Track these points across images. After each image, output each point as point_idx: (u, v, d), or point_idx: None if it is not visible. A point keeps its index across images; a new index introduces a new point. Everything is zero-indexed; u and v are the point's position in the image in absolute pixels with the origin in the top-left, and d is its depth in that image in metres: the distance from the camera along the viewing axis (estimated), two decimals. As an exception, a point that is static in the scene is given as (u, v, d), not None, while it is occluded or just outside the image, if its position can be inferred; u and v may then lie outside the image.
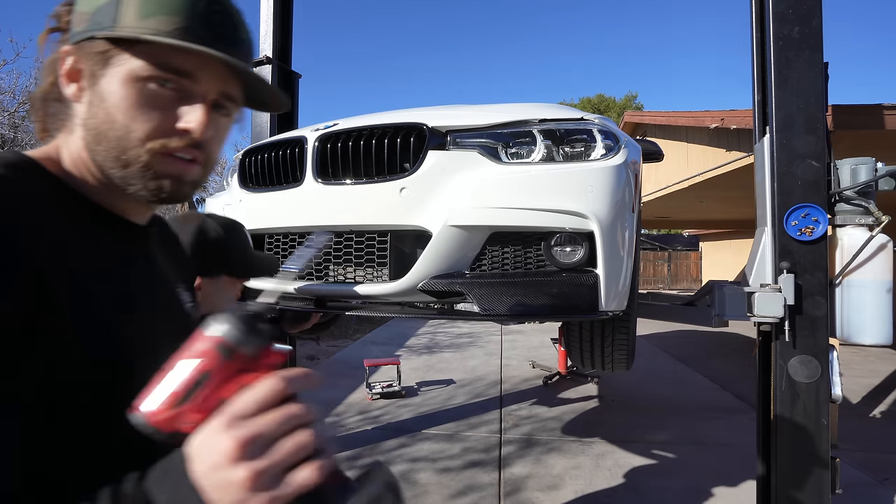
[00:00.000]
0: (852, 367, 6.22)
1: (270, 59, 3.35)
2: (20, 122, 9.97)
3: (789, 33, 1.89)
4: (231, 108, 0.61)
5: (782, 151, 1.89)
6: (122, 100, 0.54)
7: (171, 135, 0.55)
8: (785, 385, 1.87)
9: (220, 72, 0.57)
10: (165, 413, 0.39)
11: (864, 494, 2.97)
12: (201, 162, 0.59)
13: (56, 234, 0.50)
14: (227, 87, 0.59)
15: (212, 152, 0.60)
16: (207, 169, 0.61)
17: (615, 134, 1.89)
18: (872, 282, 1.92)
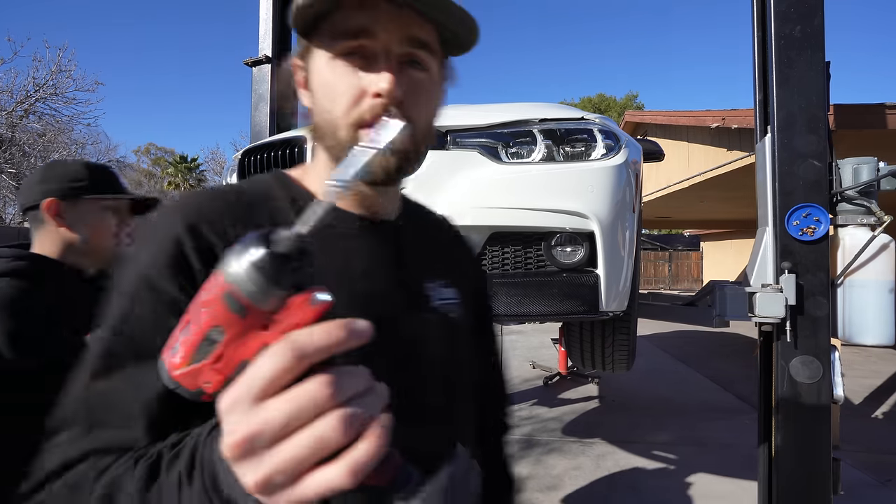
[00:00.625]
0: (854, 367, 6.22)
1: (270, 59, 3.35)
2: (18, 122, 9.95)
3: (791, 32, 1.88)
4: (428, 60, 0.54)
5: (784, 151, 1.88)
6: (320, 85, 0.53)
7: (362, 105, 0.51)
8: (786, 386, 1.86)
9: (397, 18, 0.51)
10: (184, 368, 0.31)
11: (866, 496, 2.96)
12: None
13: (282, 217, 0.54)
14: (412, 33, 0.52)
15: (415, 116, 0.53)
16: (418, 135, 0.54)
17: (616, 133, 1.88)
18: (875, 282, 1.92)
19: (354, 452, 0.30)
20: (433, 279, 0.63)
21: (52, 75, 9.98)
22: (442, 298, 0.63)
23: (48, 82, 10.01)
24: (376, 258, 0.60)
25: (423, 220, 0.70)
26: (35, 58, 9.81)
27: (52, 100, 10.38)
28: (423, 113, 0.55)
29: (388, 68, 0.51)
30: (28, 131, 10.43)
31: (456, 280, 0.66)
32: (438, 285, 0.64)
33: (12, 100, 9.71)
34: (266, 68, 3.35)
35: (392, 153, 0.44)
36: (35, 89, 9.92)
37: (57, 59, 9.97)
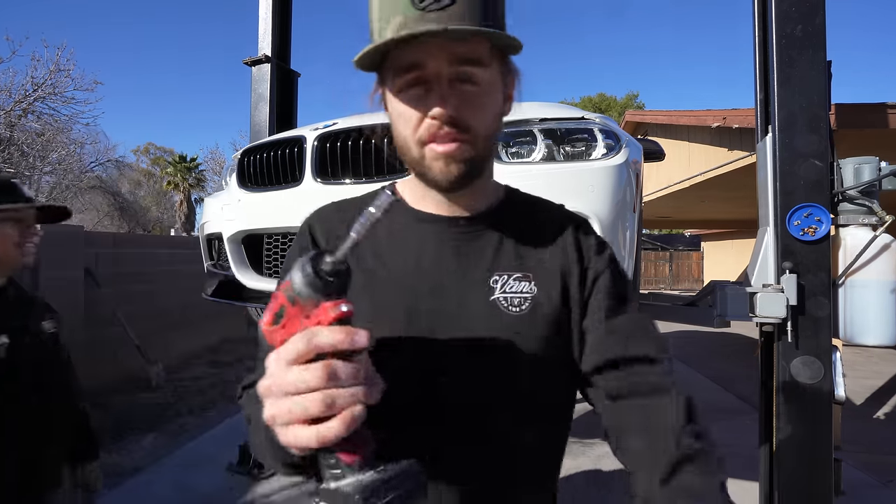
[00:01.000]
0: (856, 367, 6.21)
1: (269, 58, 3.34)
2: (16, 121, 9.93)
3: (792, 31, 1.88)
4: (478, 73, 0.60)
5: (785, 151, 1.88)
6: (393, 114, 0.63)
7: (424, 125, 0.60)
8: (787, 386, 1.86)
9: (436, 47, 0.57)
10: (269, 327, 0.45)
11: (867, 496, 2.95)
12: (463, 138, 0.60)
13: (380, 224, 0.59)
14: (457, 54, 0.58)
15: (473, 125, 0.60)
16: (478, 141, 0.62)
17: (616, 133, 1.87)
18: (876, 282, 1.91)
19: (323, 425, 0.42)
20: (505, 272, 0.66)
21: (50, 74, 9.95)
22: (508, 292, 0.65)
23: (47, 81, 9.98)
24: (432, 251, 0.67)
25: (517, 215, 0.71)
26: (34, 57, 9.80)
27: (50, 99, 10.36)
28: (479, 120, 0.61)
29: (438, 92, 0.58)
30: (26, 131, 10.39)
31: (544, 273, 0.67)
32: (512, 278, 0.66)
33: (11, 99, 9.69)
34: (265, 68, 3.34)
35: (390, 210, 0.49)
36: (34, 88, 9.88)
37: (55, 59, 9.95)
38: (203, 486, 3.17)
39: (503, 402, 0.64)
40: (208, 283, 2.59)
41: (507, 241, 0.69)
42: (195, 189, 24.67)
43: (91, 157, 15.70)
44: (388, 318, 0.64)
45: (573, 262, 0.68)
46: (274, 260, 2.21)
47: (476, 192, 0.69)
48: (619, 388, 0.64)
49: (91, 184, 15.57)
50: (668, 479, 0.57)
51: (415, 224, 0.69)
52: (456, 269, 0.66)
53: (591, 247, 0.70)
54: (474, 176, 0.64)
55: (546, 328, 0.65)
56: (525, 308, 0.65)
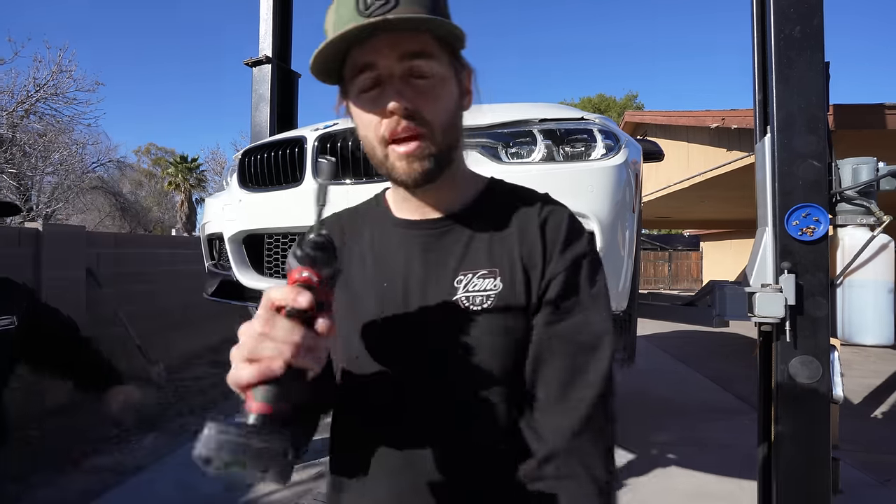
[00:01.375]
0: (853, 367, 6.22)
1: (270, 59, 3.35)
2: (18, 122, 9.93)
3: (790, 32, 1.88)
4: (428, 66, 0.62)
5: (783, 151, 1.89)
6: (356, 118, 0.66)
7: (384, 124, 0.62)
8: (786, 386, 1.86)
9: (381, 44, 0.60)
10: (288, 280, 0.52)
11: (865, 495, 2.96)
12: (422, 133, 0.62)
13: (366, 231, 0.74)
14: (403, 50, 0.60)
15: (430, 118, 0.62)
16: (437, 133, 0.63)
17: (615, 134, 1.88)
18: (874, 282, 1.92)
19: (243, 368, 0.48)
20: (470, 270, 0.66)
21: (52, 75, 9.95)
22: (472, 290, 0.65)
23: (49, 82, 9.98)
24: (402, 256, 0.69)
25: (494, 208, 0.70)
26: (36, 58, 9.79)
27: (52, 100, 10.36)
28: (435, 112, 0.62)
29: (392, 89, 0.60)
30: (29, 131, 10.39)
31: (511, 266, 0.66)
32: (476, 276, 0.66)
33: (13, 100, 9.68)
34: (266, 68, 3.35)
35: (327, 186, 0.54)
36: (36, 89, 9.88)
37: (58, 60, 9.95)
38: (204, 486, 3.17)
39: (466, 400, 0.64)
40: (209, 283, 2.60)
41: (479, 237, 0.68)
42: (196, 189, 24.69)
43: (93, 157, 15.71)
44: (361, 323, 0.68)
45: (538, 253, 0.66)
46: (275, 260, 2.22)
47: (446, 189, 0.69)
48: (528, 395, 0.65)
49: (93, 184, 15.57)
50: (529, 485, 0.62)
51: (392, 230, 0.72)
52: (421, 272, 0.68)
53: (558, 240, 0.66)
54: (439, 171, 0.65)
55: (511, 323, 0.64)
56: (488, 304, 0.64)
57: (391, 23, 0.57)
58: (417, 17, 0.57)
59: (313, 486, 3.16)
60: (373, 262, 0.71)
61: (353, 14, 0.58)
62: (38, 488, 3.17)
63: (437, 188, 0.68)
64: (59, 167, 11.64)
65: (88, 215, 16.77)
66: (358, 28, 0.56)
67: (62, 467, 3.48)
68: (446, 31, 0.62)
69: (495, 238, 0.68)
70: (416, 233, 0.70)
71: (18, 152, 9.83)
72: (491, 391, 0.64)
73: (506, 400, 0.65)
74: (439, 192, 0.69)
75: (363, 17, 0.57)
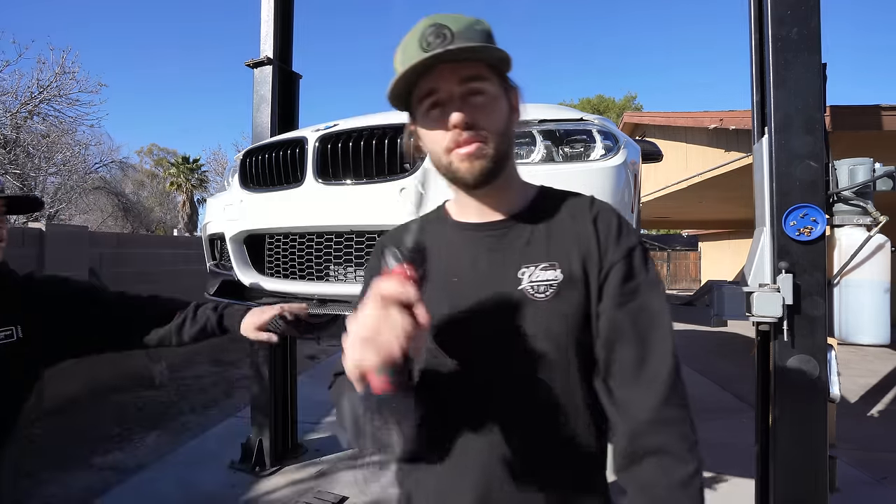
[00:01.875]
0: (850, 366, 6.24)
1: (271, 60, 3.36)
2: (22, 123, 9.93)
3: (788, 34, 1.90)
4: (481, 86, 0.74)
5: (781, 152, 1.90)
6: (424, 136, 0.78)
7: (449, 136, 0.74)
8: (783, 385, 1.88)
9: (442, 73, 0.72)
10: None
11: (861, 493, 2.98)
12: (480, 139, 0.73)
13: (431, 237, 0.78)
14: (461, 75, 0.72)
15: (486, 127, 0.74)
16: (493, 138, 0.74)
17: (614, 134, 1.89)
18: (870, 282, 1.92)
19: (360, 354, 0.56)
20: (532, 264, 0.76)
21: (55, 77, 9.97)
22: (535, 281, 0.75)
23: (52, 84, 9.98)
24: (468, 254, 0.80)
25: (547, 210, 0.81)
26: (39, 59, 9.77)
27: (55, 101, 10.35)
28: (491, 122, 0.74)
29: (454, 107, 0.72)
30: (32, 132, 10.38)
31: (568, 260, 0.76)
32: (538, 269, 0.76)
33: (17, 101, 9.69)
34: (267, 70, 3.36)
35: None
36: (39, 91, 9.88)
37: (61, 61, 9.95)
38: (206, 484, 3.19)
39: (536, 376, 0.74)
40: (211, 282, 2.61)
41: (538, 235, 0.79)
42: (198, 190, 24.71)
43: (95, 158, 15.70)
44: (439, 314, 0.76)
45: (593, 246, 0.76)
46: (276, 260, 2.23)
47: (502, 193, 0.81)
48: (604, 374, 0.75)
49: (95, 185, 15.56)
50: (625, 469, 0.72)
51: (456, 232, 0.83)
52: (488, 267, 0.78)
53: (611, 234, 0.77)
54: (496, 172, 0.76)
55: (571, 309, 0.74)
56: (550, 293, 0.74)
57: (451, 52, 0.68)
58: (470, 46, 0.69)
59: (314, 484, 3.18)
60: (441, 261, 0.79)
61: (418, 51, 0.70)
62: (43, 486, 3.18)
63: (495, 192, 0.80)
64: (62, 168, 11.64)
65: (91, 215, 16.79)
66: (423, 60, 0.69)
67: (65, 465, 3.49)
68: (495, 58, 0.74)
69: (552, 235, 0.78)
70: (479, 234, 0.81)
71: (22, 153, 9.84)
72: (553, 371, 0.74)
73: (568, 378, 0.74)
74: (497, 196, 0.80)
75: (424, 51, 0.69)
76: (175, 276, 6.64)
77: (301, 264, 2.11)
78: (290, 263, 2.16)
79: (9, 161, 9.40)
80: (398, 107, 0.79)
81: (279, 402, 3.56)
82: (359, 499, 3.00)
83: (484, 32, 0.74)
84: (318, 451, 3.68)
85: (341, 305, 2.09)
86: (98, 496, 3.05)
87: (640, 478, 0.70)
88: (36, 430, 4.11)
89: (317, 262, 2.06)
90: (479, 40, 0.72)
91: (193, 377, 5.84)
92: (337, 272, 2.05)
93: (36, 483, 3.21)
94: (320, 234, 2.05)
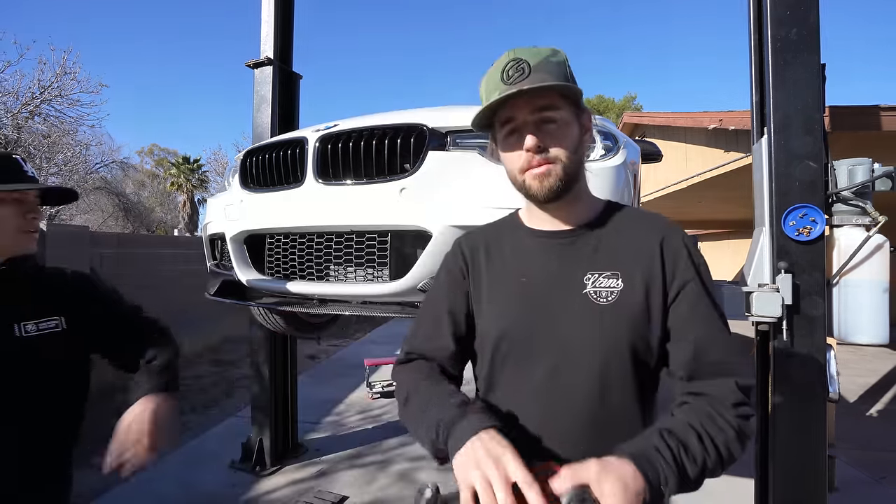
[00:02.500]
0: (849, 366, 6.24)
1: (271, 61, 3.36)
2: (23, 124, 9.93)
3: (787, 35, 1.90)
4: (553, 115, 0.83)
5: (780, 152, 1.90)
6: (502, 156, 0.88)
7: (523, 158, 0.84)
8: (783, 384, 1.88)
9: (518, 104, 0.82)
10: None
11: (860, 492, 2.98)
12: (550, 161, 0.83)
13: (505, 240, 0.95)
14: (536, 105, 0.82)
15: (557, 151, 0.83)
16: (562, 162, 0.83)
17: (614, 134, 1.90)
18: (869, 281, 1.92)
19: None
20: (596, 271, 0.85)
21: (57, 77, 9.96)
22: (598, 287, 0.84)
23: (53, 84, 9.98)
24: (539, 258, 0.89)
25: (614, 224, 0.90)
26: (40, 60, 9.77)
27: (56, 101, 10.34)
28: (560, 147, 0.83)
29: (528, 133, 0.82)
30: (33, 133, 10.37)
31: (631, 272, 0.84)
32: (602, 276, 0.84)
33: (18, 102, 9.69)
34: (268, 70, 3.36)
35: None
36: (40, 91, 9.88)
37: (62, 62, 9.95)
38: (206, 483, 3.19)
39: (596, 373, 0.82)
40: (211, 282, 2.61)
41: (604, 246, 0.87)
42: (198, 190, 24.72)
43: (96, 158, 15.73)
44: (509, 309, 0.87)
45: (657, 265, 0.84)
46: (276, 260, 2.23)
47: (572, 206, 0.89)
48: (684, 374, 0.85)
49: (96, 185, 15.58)
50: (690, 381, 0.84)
51: (529, 238, 0.93)
52: (557, 271, 0.87)
53: (679, 256, 0.85)
54: (564, 190, 0.84)
55: (629, 315, 0.82)
56: (611, 299, 0.83)
57: (525, 92, 0.79)
58: (539, 86, 0.79)
59: (314, 483, 3.18)
60: (513, 261, 0.91)
61: (499, 84, 0.81)
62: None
63: (566, 205, 0.88)
64: (63, 168, 11.64)
65: (92, 215, 16.82)
66: (501, 99, 0.80)
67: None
68: (567, 92, 0.83)
69: (618, 247, 0.87)
70: (551, 241, 0.90)
71: (24, 153, 9.84)
72: (608, 367, 0.82)
73: (623, 375, 0.83)
74: (568, 209, 0.89)
75: (506, 85, 0.80)
76: (175, 276, 6.65)
77: (301, 264, 2.12)
78: (290, 263, 2.16)
79: (10, 161, 9.41)
80: (482, 130, 0.90)
81: (279, 402, 3.57)
82: (359, 498, 3.00)
83: (559, 64, 0.83)
84: (318, 450, 3.69)
85: (341, 305, 2.09)
86: (99, 495, 3.05)
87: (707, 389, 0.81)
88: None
89: (317, 262, 2.07)
90: (555, 71, 0.81)
91: (194, 377, 5.85)
92: (337, 272, 2.06)
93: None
94: (320, 234, 2.05)
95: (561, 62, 0.84)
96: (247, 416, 4.25)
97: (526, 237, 0.93)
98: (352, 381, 5.54)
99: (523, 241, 0.93)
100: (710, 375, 0.82)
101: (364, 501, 2.97)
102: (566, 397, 0.83)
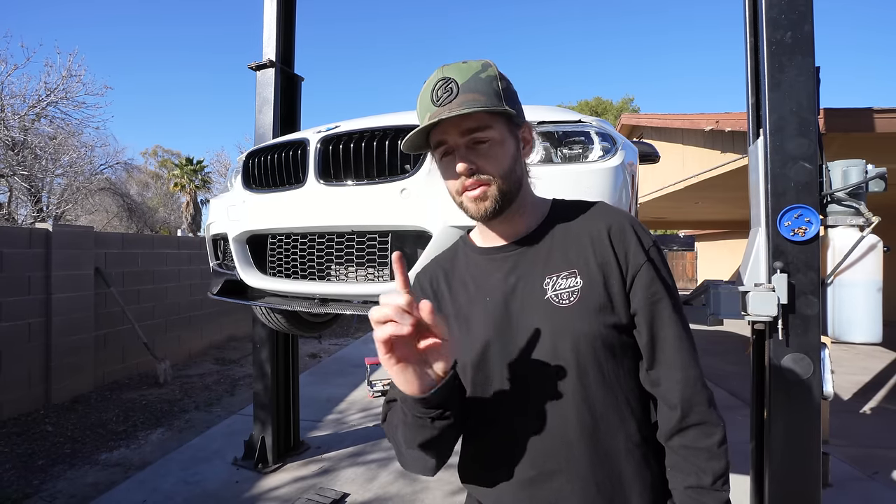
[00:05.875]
0: (843, 364, 6.28)
1: (273, 63, 3.38)
2: (30, 126, 9.95)
3: (782, 38, 1.92)
4: (483, 136, 0.82)
5: (776, 153, 1.92)
6: (442, 177, 0.88)
7: (458, 181, 0.84)
8: (778, 382, 1.90)
9: (447, 128, 0.81)
10: None
11: (854, 488, 3.01)
12: (484, 183, 0.82)
13: (461, 265, 0.95)
14: (464, 127, 0.81)
15: (490, 172, 0.83)
16: (495, 182, 0.83)
17: (612, 136, 1.91)
18: (863, 281, 1.94)
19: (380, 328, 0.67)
20: (554, 274, 0.84)
21: (62, 80, 9.98)
22: (559, 289, 0.83)
23: (59, 87, 10.00)
24: (496, 274, 0.88)
25: (562, 223, 0.89)
26: (47, 63, 9.83)
27: (62, 104, 10.37)
28: (494, 166, 0.82)
29: (459, 157, 0.82)
30: (40, 134, 10.39)
31: (587, 267, 0.84)
32: (560, 277, 0.84)
33: (25, 104, 9.72)
34: (270, 72, 3.38)
35: None
36: (47, 94, 9.89)
37: (68, 64, 9.96)
38: (209, 480, 3.22)
39: (574, 374, 0.81)
40: (214, 282, 2.63)
41: (556, 247, 0.87)
42: (201, 191, 24.71)
43: (101, 159, 15.76)
44: (480, 333, 0.86)
45: (609, 253, 0.84)
46: (278, 260, 2.25)
47: (518, 217, 0.89)
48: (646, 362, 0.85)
49: (101, 186, 15.61)
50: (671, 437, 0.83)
51: (482, 258, 0.92)
52: (516, 283, 0.86)
53: (629, 241, 0.84)
54: (502, 208, 0.84)
55: (595, 308, 0.82)
56: (573, 299, 0.82)
57: (444, 120, 0.79)
58: (463, 111, 0.77)
59: (316, 481, 3.21)
60: (473, 284, 0.91)
61: (430, 105, 0.81)
62: (50, 481, 3.21)
63: (511, 218, 0.88)
64: (68, 169, 11.69)
65: (97, 216, 16.84)
66: (429, 125, 0.80)
67: (72, 461, 3.52)
68: (498, 112, 0.81)
69: (569, 245, 0.86)
70: (503, 255, 0.89)
71: (30, 155, 9.88)
72: (585, 368, 0.81)
73: (601, 374, 0.82)
74: (514, 220, 0.89)
75: (435, 106, 0.80)
76: (179, 276, 6.67)
77: (303, 264, 2.14)
78: (292, 263, 2.18)
79: (17, 162, 9.46)
80: (417, 151, 0.89)
81: (282, 400, 3.59)
82: (360, 495, 3.03)
83: (488, 79, 0.81)
84: (319, 448, 3.71)
85: (342, 305, 2.12)
86: (103, 492, 3.07)
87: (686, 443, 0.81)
88: (47, 427, 4.14)
89: (318, 262, 2.09)
90: (483, 89, 0.80)
91: (197, 375, 5.87)
92: (338, 272, 2.08)
93: (46, 478, 3.24)
94: (322, 235, 2.07)
95: (490, 77, 0.82)
96: (249, 414, 4.28)
97: (480, 257, 0.92)
98: (353, 380, 5.57)
99: (478, 262, 0.92)
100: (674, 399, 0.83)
101: (365, 499, 2.99)
102: (553, 406, 0.81)
